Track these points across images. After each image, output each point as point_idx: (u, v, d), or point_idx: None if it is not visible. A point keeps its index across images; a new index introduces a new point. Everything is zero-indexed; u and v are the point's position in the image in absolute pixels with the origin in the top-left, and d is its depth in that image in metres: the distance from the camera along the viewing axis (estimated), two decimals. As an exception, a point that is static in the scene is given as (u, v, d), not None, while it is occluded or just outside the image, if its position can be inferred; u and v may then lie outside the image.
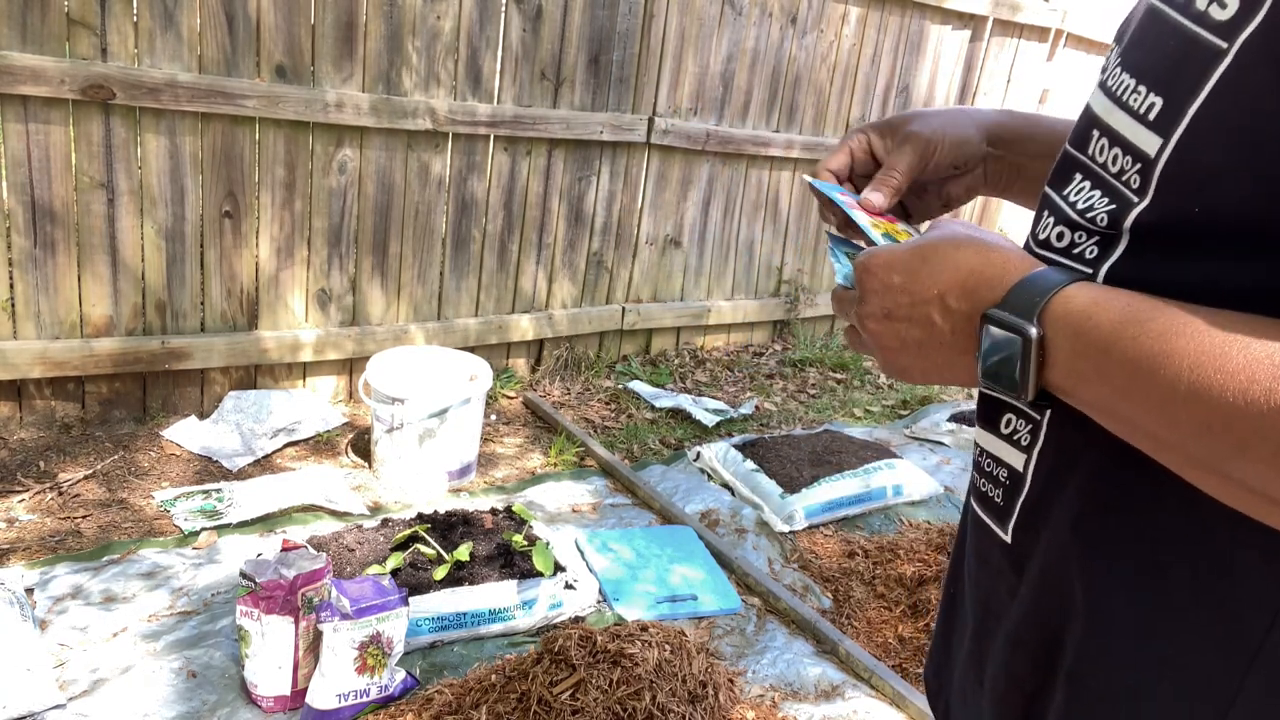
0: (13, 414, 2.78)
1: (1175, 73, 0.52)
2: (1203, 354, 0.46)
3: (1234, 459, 0.45)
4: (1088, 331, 0.52)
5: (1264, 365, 0.44)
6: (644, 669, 1.76)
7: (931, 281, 0.59)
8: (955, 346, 0.60)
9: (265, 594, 1.81)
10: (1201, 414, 0.46)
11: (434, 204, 3.36)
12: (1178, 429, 0.48)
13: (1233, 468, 0.46)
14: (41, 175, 2.60)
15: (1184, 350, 0.47)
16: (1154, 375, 0.48)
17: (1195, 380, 0.46)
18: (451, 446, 2.88)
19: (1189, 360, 0.47)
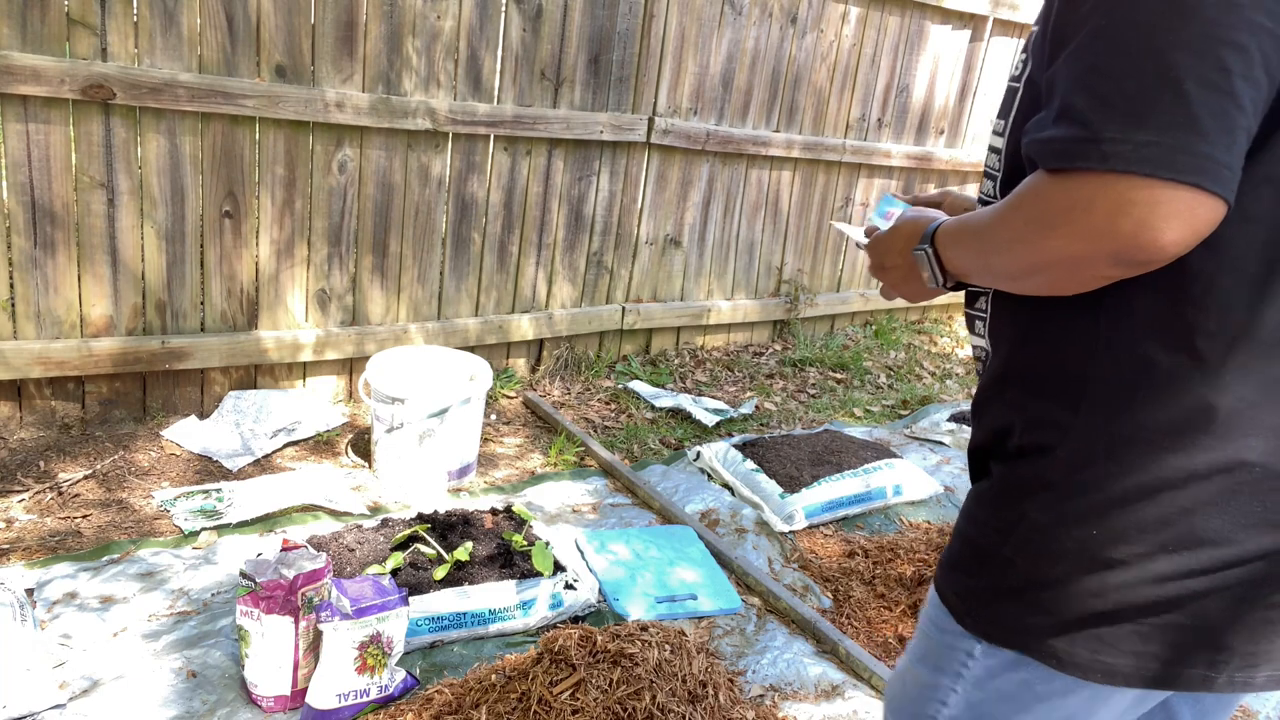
0: (13, 414, 2.78)
1: (1004, 106, 0.98)
2: (980, 227, 0.91)
3: (999, 259, 0.88)
4: (948, 235, 0.97)
5: (972, 226, 0.93)
6: (644, 669, 1.76)
7: (895, 244, 1.08)
8: (912, 273, 1.06)
9: (265, 594, 1.81)
10: (984, 248, 0.90)
11: (434, 204, 3.36)
12: (984, 258, 0.91)
13: (1003, 264, 0.88)
14: (41, 175, 2.60)
15: (975, 228, 0.92)
16: (971, 241, 0.93)
17: (979, 237, 0.91)
18: (451, 446, 2.88)
19: (976, 231, 0.92)
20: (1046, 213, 0.79)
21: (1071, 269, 0.80)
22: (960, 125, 5.16)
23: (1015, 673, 0.93)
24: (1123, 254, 0.75)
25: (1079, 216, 0.76)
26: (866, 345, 4.91)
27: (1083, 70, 0.77)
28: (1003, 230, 0.85)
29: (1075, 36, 0.78)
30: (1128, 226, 0.73)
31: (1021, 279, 0.86)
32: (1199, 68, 0.71)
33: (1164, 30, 0.72)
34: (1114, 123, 0.73)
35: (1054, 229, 0.78)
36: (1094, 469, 0.86)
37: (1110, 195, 0.73)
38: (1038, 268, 0.82)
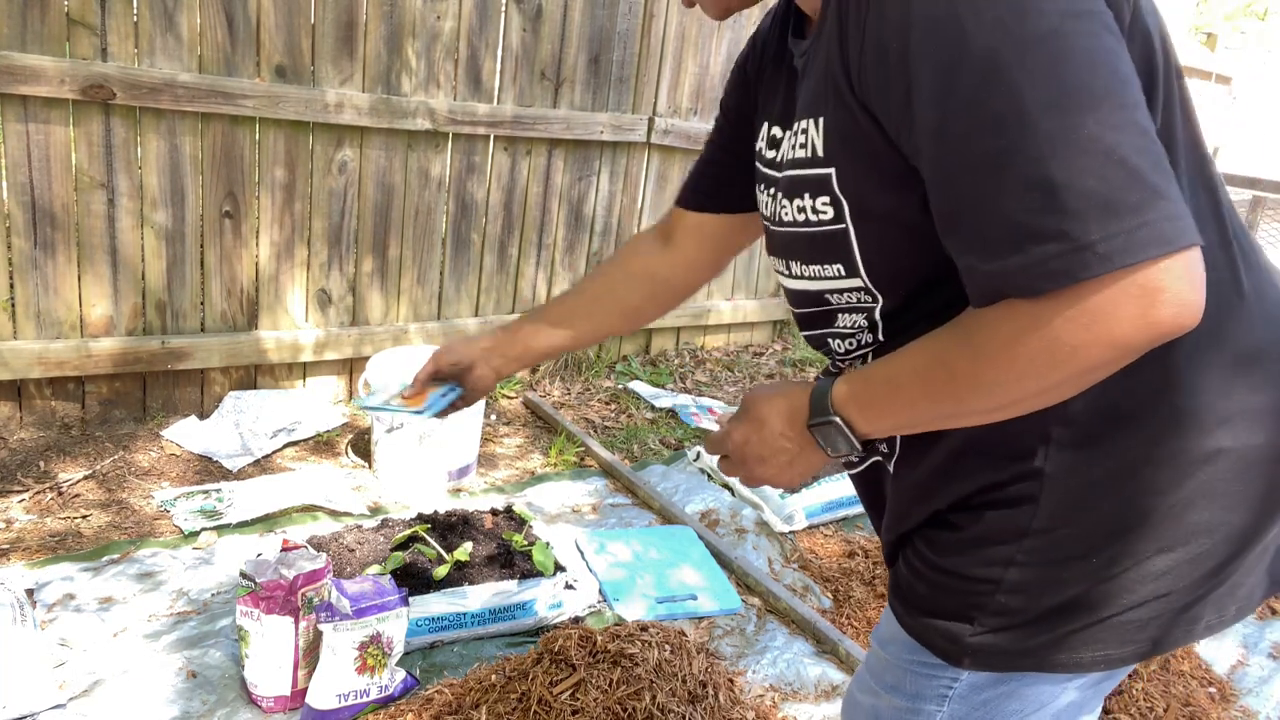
0: (13, 414, 2.78)
1: (820, 254, 0.98)
2: (931, 376, 0.82)
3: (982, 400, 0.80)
4: (863, 398, 0.89)
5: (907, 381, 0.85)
6: (644, 669, 1.76)
7: (767, 429, 0.98)
8: (805, 451, 0.97)
9: (265, 594, 1.81)
10: (949, 396, 0.81)
11: (434, 204, 3.36)
12: (950, 405, 0.82)
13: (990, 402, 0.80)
14: (41, 175, 2.60)
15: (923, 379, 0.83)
16: (919, 395, 0.84)
17: (900, 393, 0.85)
18: (451, 446, 2.88)
19: (923, 383, 0.83)
20: (1060, 341, 0.72)
21: (1090, 379, 0.76)
22: (960, 125, 5.16)
23: (1005, 685, 0.95)
24: (1165, 336, 0.72)
25: (1103, 326, 0.71)
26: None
27: (1019, 189, 0.71)
28: (985, 371, 0.78)
29: (971, 165, 0.74)
30: (1166, 312, 0.70)
31: (1007, 410, 0.80)
32: (1131, 140, 0.70)
33: (1084, 122, 0.70)
34: (1093, 224, 0.69)
35: (1077, 352, 0.72)
36: (1079, 505, 0.87)
37: (1132, 292, 0.69)
38: (1044, 392, 0.77)
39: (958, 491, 0.93)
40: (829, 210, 0.91)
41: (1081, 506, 0.87)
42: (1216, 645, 2.57)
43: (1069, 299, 0.71)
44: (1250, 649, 2.58)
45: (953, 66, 0.73)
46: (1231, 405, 0.86)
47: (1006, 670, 0.93)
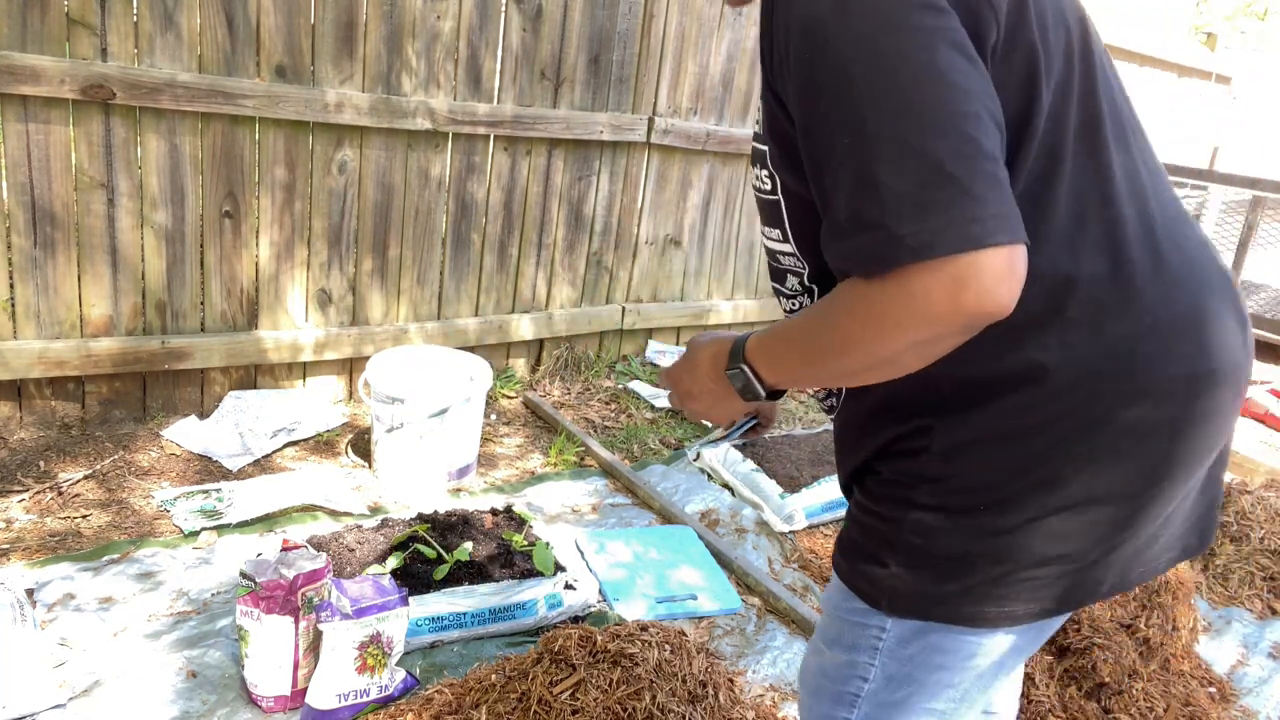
0: (13, 414, 2.78)
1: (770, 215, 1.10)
2: (803, 337, 0.94)
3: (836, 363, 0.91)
4: (763, 350, 1.01)
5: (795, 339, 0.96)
6: (644, 669, 1.76)
7: (698, 370, 1.10)
8: (727, 394, 1.07)
9: (265, 594, 1.81)
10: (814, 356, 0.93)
11: (434, 204, 3.36)
12: (816, 366, 0.94)
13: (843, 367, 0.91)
14: (41, 175, 2.60)
15: (798, 339, 0.96)
16: (796, 353, 0.96)
17: (805, 348, 0.94)
18: (451, 446, 2.88)
19: (800, 342, 0.95)
20: (887, 313, 0.83)
21: (923, 351, 0.86)
22: (960, 125, 5.16)
23: (926, 637, 1.04)
24: (972, 323, 0.82)
25: (920, 307, 0.81)
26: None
27: (854, 184, 0.82)
28: (836, 336, 0.89)
29: (827, 156, 0.85)
30: (970, 300, 0.80)
31: (864, 374, 0.91)
32: (950, 146, 0.79)
33: (908, 129, 0.80)
34: (906, 219, 0.79)
35: (900, 325, 0.83)
36: (963, 459, 0.98)
37: (942, 280, 0.79)
38: (886, 360, 0.87)
39: (875, 443, 1.05)
40: (768, 182, 1.06)
41: (966, 461, 0.98)
42: (1217, 645, 2.57)
43: (893, 281, 0.81)
44: (1250, 649, 2.58)
45: (814, 72, 0.85)
46: (1106, 385, 0.94)
47: (921, 617, 1.02)
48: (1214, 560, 2.89)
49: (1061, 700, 2.13)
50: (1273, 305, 5.93)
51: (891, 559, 1.03)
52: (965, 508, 0.98)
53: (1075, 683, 2.16)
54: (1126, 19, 6.39)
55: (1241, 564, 2.86)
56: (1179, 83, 6.80)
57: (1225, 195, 6.54)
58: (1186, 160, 6.66)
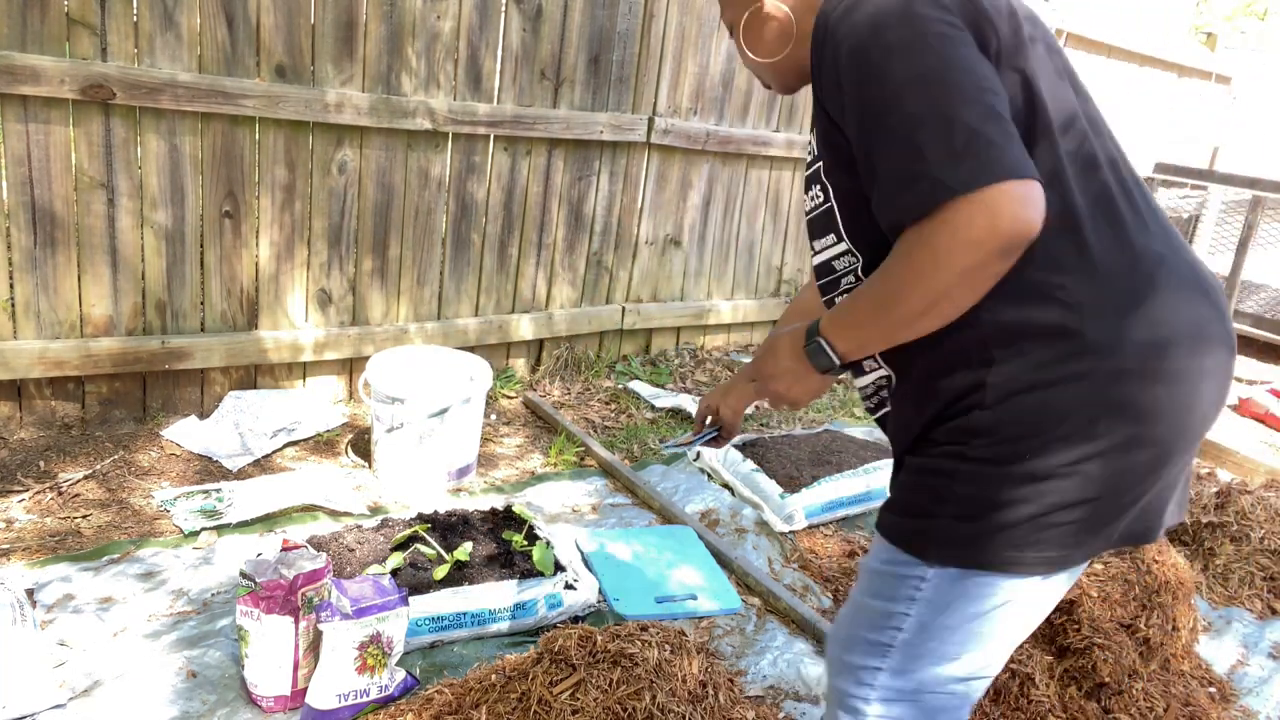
0: (13, 414, 2.78)
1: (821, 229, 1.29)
2: (868, 296, 1.11)
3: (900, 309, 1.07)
4: (835, 322, 1.17)
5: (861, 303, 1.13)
6: (644, 669, 1.76)
7: (779, 354, 1.27)
8: (806, 372, 1.24)
9: (265, 594, 1.81)
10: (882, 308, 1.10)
11: (434, 204, 3.36)
12: (884, 317, 1.10)
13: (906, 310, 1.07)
14: (42, 175, 2.60)
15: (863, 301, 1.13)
16: (863, 312, 1.13)
17: (871, 305, 1.11)
18: (451, 446, 2.88)
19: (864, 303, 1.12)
20: (939, 244, 1.01)
21: (973, 280, 1.02)
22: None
23: (963, 584, 1.14)
24: (1010, 245, 1.00)
25: (964, 234, 0.99)
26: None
27: (901, 152, 1.03)
28: (896, 283, 1.07)
29: (878, 142, 1.06)
30: (1005, 222, 0.98)
31: (926, 315, 1.07)
32: (975, 111, 1.01)
33: (940, 102, 1.02)
34: (946, 166, 1.00)
35: (950, 253, 1.00)
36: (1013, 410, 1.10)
37: (981, 208, 0.98)
38: (942, 294, 1.04)
39: (930, 412, 1.17)
40: (821, 195, 1.25)
41: (1012, 413, 1.10)
42: (1217, 645, 2.57)
43: (939, 217, 1.00)
44: (1250, 649, 2.58)
45: (862, 81, 1.08)
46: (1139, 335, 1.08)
47: (964, 565, 1.13)
48: (1214, 560, 2.89)
49: (1061, 700, 2.13)
50: (1273, 305, 5.93)
51: (941, 510, 1.14)
52: (1013, 456, 1.09)
53: (1075, 683, 2.16)
54: (1126, 19, 6.39)
55: (1241, 564, 2.86)
56: (1179, 83, 6.80)
57: (1225, 195, 6.54)
58: (1186, 160, 6.66)
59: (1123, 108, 6.27)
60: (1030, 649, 2.21)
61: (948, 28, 1.06)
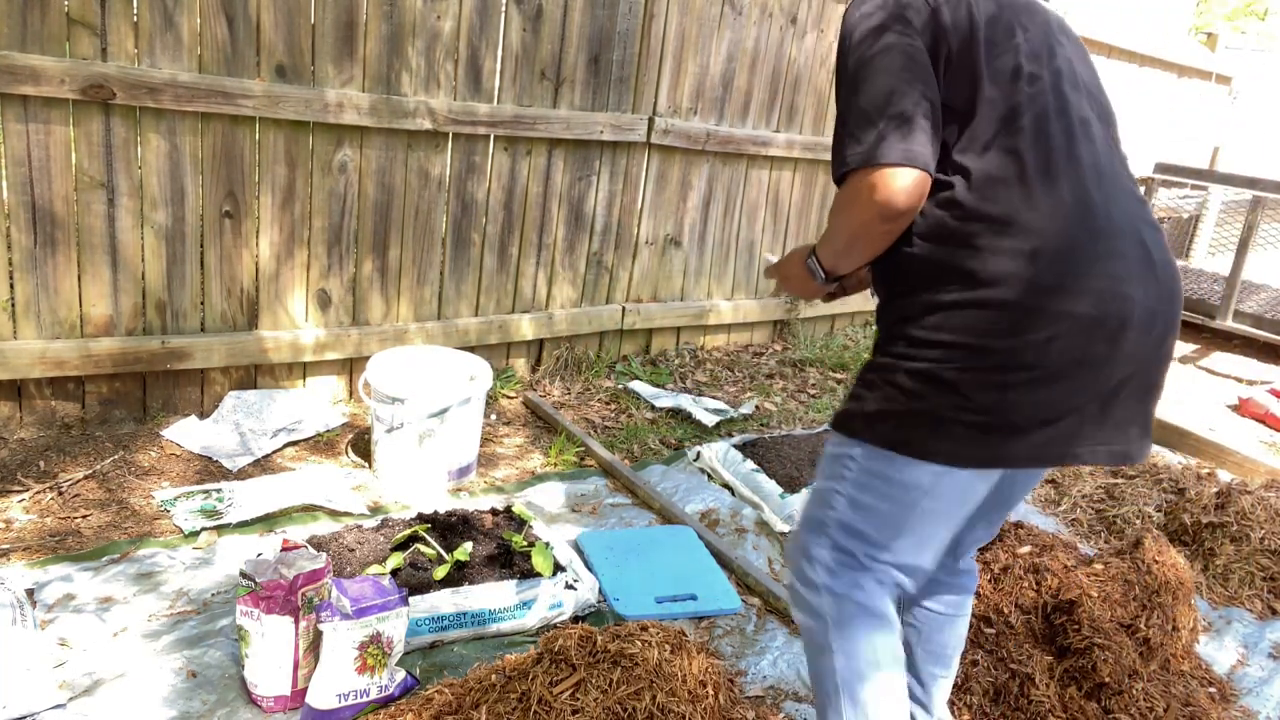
0: (13, 414, 2.78)
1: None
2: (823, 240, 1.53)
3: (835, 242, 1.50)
4: (818, 246, 1.54)
5: (824, 234, 1.52)
6: (644, 669, 1.76)
7: (794, 262, 1.64)
8: (807, 278, 1.60)
9: (265, 594, 1.81)
10: (830, 241, 1.51)
11: (434, 204, 3.36)
12: (832, 247, 1.51)
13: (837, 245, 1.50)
14: (42, 175, 2.60)
15: (823, 234, 1.52)
16: (825, 242, 1.52)
17: (825, 239, 1.52)
18: (451, 446, 2.88)
19: (823, 237, 1.52)
20: (842, 205, 1.42)
21: (867, 232, 1.41)
22: (960, 125, 5.16)
23: (884, 465, 1.45)
24: (884, 215, 1.36)
25: (857, 198, 1.38)
26: (866, 345, 4.91)
27: (839, 130, 1.41)
28: (830, 226, 1.49)
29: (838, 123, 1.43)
30: (880, 198, 1.35)
31: (851, 251, 1.48)
32: (885, 112, 1.34)
33: (863, 93, 1.38)
34: (849, 146, 1.37)
35: (849, 212, 1.41)
36: (933, 330, 1.39)
37: (864, 184, 1.36)
38: (853, 238, 1.45)
39: (885, 328, 1.49)
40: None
41: (932, 333, 1.39)
42: (1217, 645, 2.57)
43: (846, 183, 1.39)
44: (1250, 649, 2.58)
45: (838, 73, 1.48)
46: (1044, 280, 1.34)
47: (878, 444, 1.44)
48: (1214, 560, 2.89)
49: (1061, 700, 2.13)
50: (1273, 305, 5.93)
51: (871, 397, 1.46)
52: (928, 367, 1.38)
53: (1075, 683, 2.16)
54: (1126, 19, 6.39)
55: (1241, 564, 2.86)
56: (1179, 83, 6.80)
57: (1225, 195, 6.54)
58: (1186, 160, 6.66)
59: (1123, 108, 6.28)
60: (1030, 649, 2.21)
61: (897, 39, 1.38)
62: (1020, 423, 1.36)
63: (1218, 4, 15.93)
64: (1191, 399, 4.88)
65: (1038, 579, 2.34)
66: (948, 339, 1.37)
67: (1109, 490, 3.36)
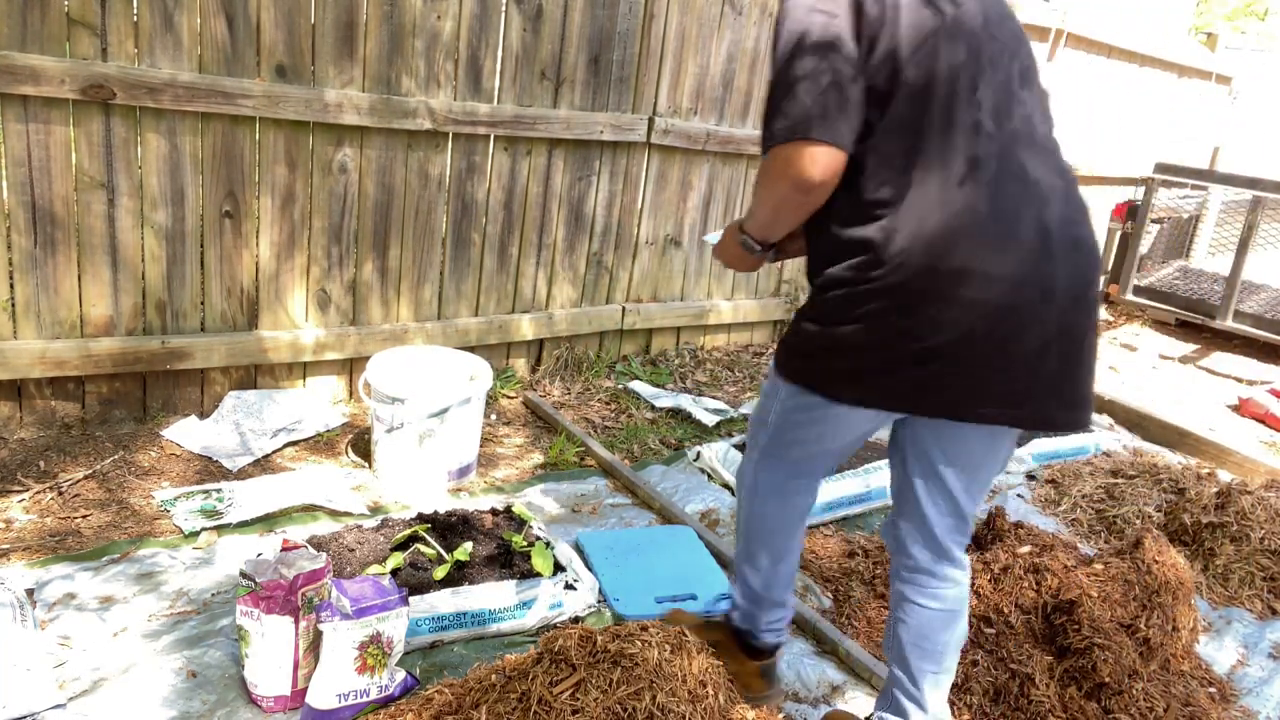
0: (13, 414, 2.78)
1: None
2: (750, 212, 1.72)
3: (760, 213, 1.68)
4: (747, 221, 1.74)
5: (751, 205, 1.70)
6: (644, 669, 1.76)
7: (730, 239, 1.82)
8: (746, 252, 1.78)
9: (265, 594, 1.81)
10: (755, 212, 1.69)
11: (434, 204, 3.36)
12: (758, 218, 1.70)
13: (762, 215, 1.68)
14: (42, 175, 2.60)
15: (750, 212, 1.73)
16: (751, 216, 1.71)
17: (750, 218, 1.73)
18: (451, 446, 2.88)
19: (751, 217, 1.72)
20: (769, 171, 1.54)
21: (786, 201, 1.56)
22: (960, 125, 5.15)
23: (803, 398, 1.72)
24: (798, 186, 1.50)
25: (779, 169, 1.51)
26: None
27: (767, 105, 1.53)
28: (755, 196, 1.65)
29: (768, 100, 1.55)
30: (793, 171, 1.49)
31: (774, 222, 1.66)
32: (806, 88, 1.46)
33: (788, 73, 1.49)
34: (775, 122, 1.50)
35: (774, 179, 1.54)
36: (826, 294, 1.60)
37: (780, 157, 1.50)
38: (776, 209, 1.61)
39: (810, 288, 1.68)
40: None
41: (832, 295, 1.59)
42: (1217, 645, 2.57)
43: (771, 155, 1.52)
44: (1250, 649, 2.58)
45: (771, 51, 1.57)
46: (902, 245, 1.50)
47: (795, 382, 1.72)
48: (1214, 560, 2.89)
49: (1061, 700, 2.13)
50: (1273, 305, 5.93)
51: (793, 347, 1.72)
52: (827, 323, 1.61)
53: (1075, 683, 2.16)
54: (1126, 19, 6.39)
55: (1241, 564, 2.86)
56: (1179, 83, 6.80)
57: (1225, 195, 6.54)
58: (1186, 160, 6.66)
59: (1123, 108, 6.26)
60: (1030, 649, 2.21)
61: (824, 20, 1.48)
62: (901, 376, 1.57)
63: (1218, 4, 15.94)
64: (1191, 399, 4.88)
65: (1038, 579, 2.34)
66: (843, 308, 1.58)
67: (1109, 490, 3.36)
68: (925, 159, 1.50)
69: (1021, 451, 3.58)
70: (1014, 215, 1.51)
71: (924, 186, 1.49)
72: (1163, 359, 5.61)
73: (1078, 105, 5.80)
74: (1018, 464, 3.55)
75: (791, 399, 1.74)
